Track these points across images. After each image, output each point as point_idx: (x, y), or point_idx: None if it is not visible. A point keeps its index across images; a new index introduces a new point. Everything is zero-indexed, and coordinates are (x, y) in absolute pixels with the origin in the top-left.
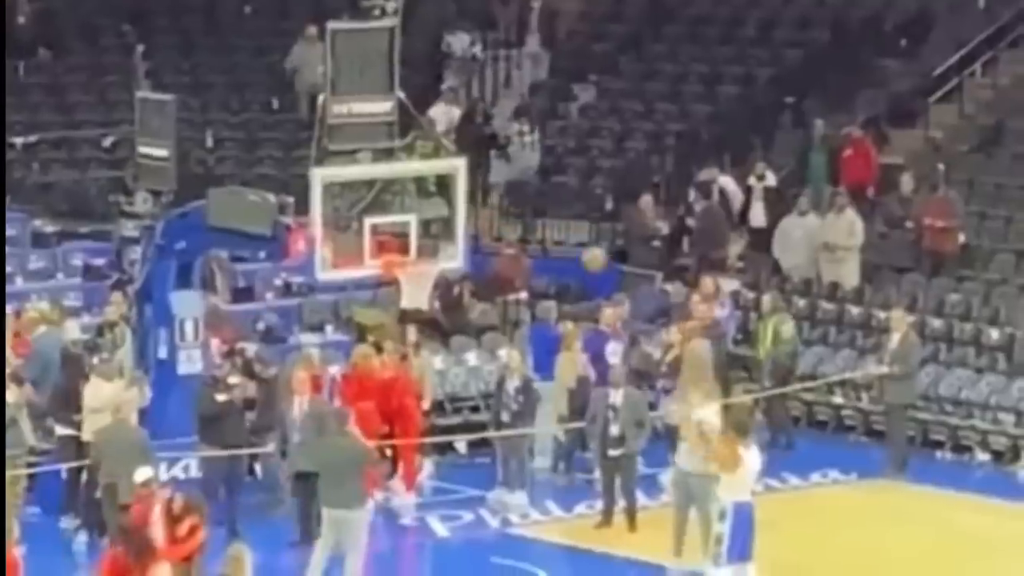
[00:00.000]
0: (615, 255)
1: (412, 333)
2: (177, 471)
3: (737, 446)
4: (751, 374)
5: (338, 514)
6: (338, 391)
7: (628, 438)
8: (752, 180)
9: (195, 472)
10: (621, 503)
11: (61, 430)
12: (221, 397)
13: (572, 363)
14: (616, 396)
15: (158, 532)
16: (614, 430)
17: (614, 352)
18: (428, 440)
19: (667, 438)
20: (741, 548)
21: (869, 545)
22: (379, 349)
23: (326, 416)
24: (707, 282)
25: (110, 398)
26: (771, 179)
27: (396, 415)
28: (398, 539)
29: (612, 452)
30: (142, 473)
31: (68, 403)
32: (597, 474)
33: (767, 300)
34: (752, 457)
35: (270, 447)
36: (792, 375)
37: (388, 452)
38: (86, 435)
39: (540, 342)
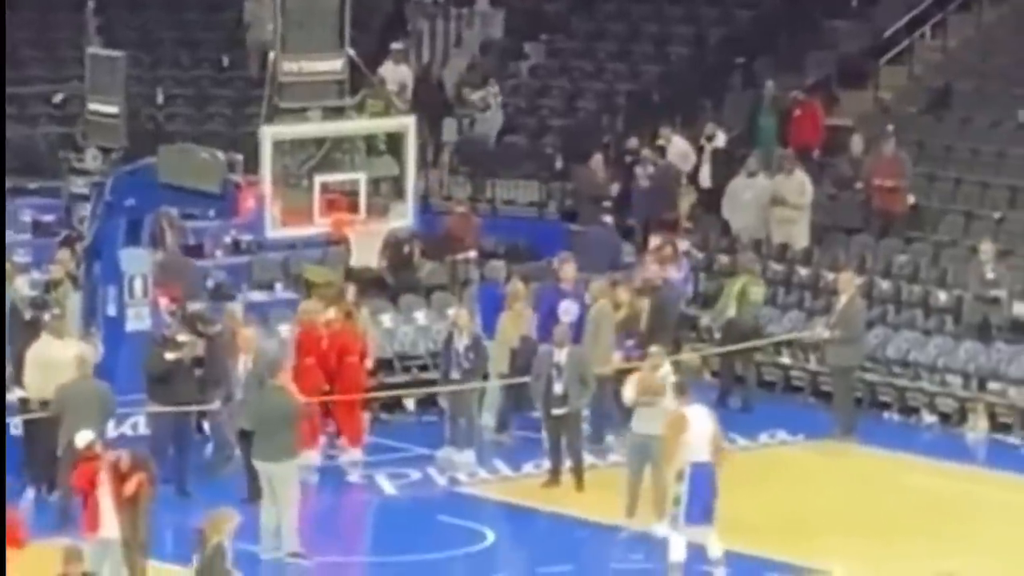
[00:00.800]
0: (564, 215)
1: (351, 292)
2: (126, 428)
3: (681, 407)
4: (699, 334)
5: (266, 467)
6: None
7: (571, 397)
8: (702, 141)
9: (144, 430)
10: (568, 463)
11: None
12: (170, 355)
13: (515, 321)
14: (560, 355)
15: (105, 492)
16: (557, 388)
17: (567, 311)
18: (372, 397)
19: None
20: (701, 510)
21: (817, 506)
22: (328, 307)
23: (261, 371)
24: (660, 242)
25: (61, 355)
26: (721, 140)
27: (337, 373)
28: (346, 496)
29: (556, 411)
30: (83, 438)
31: (19, 361)
32: (544, 433)
33: (738, 260)
34: (699, 417)
35: (216, 404)
36: (758, 337)
37: (330, 409)
38: (31, 391)
39: (488, 301)
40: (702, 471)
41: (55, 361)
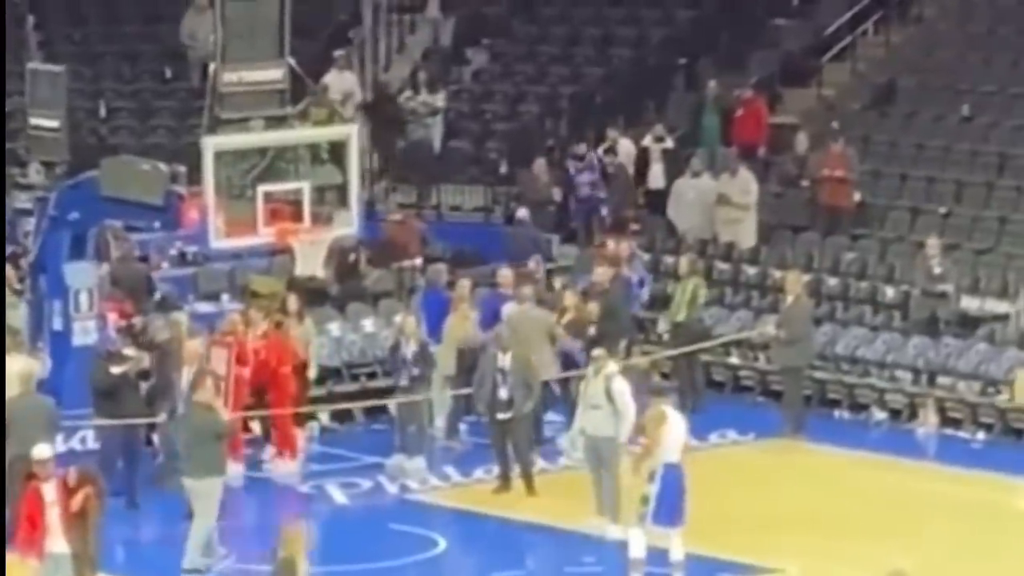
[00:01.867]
0: (510, 219)
1: (293, 301)
2: (75, 443)
3: (662, 410)
4: (647, 336)
5: (188, 483)
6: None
7: (516, 401)
8: (649, 142)
9: (92, 444)
10: (516, 468)
11: None
12: (116, 369)
13: (461, 324)
14: (504, 359)
15: (52, 509)
16: (503, 393)
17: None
18: (311, 409)
19: (566, 402)
20: (669, 512)
21: (768, 505)
22: (267, 317)
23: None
24: (612, 244)
25: (8, 370)
26: (669, 142)
27: (268, 384)
28: (296, 506)
29: (501, 416)
30: (41, 450)
31: None
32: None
33: (684, 262)
34: (675, 419)
35: (163, 417)
36: (707, 338)
37: (261, 421)
38: None
39: (433, 306)
40: (674, 472)
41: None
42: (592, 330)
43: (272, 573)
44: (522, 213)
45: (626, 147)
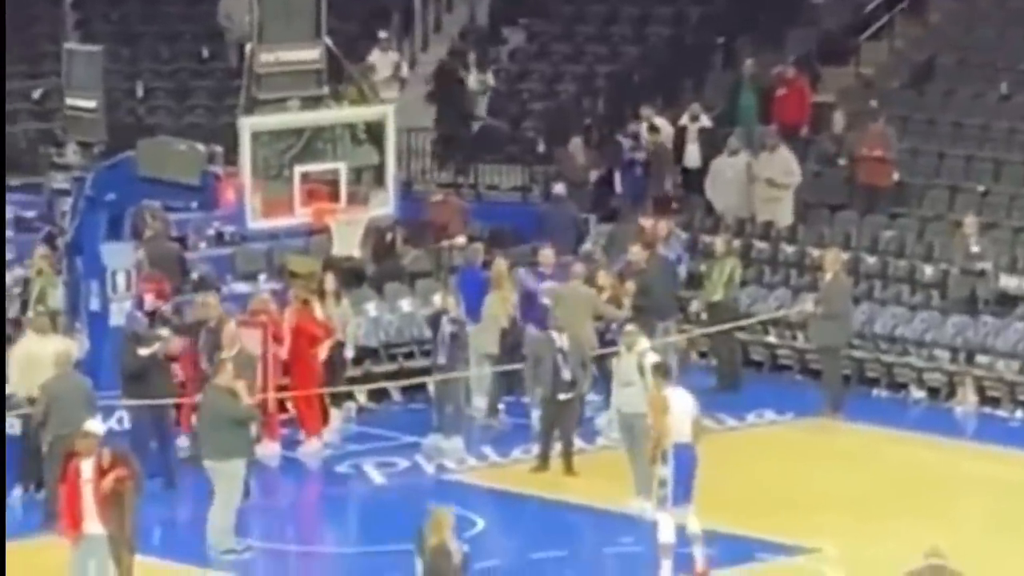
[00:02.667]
0: (546, 196)
1: (330, 281)
2: (112, 423)
3: (662, 389)
4: (686, 316)
5: (210, 464)
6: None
7: (578, 380)
8: (686, 121)
9: (128, 424)
10: (558, 447)
11: None
12: (144, 351)
13: (503, 304)
14: (562, 339)
15: (87, 487)
16: (566, 374)
17: (545, 289)
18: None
19: (604, 382)
20: (684, 492)
21: (805, 484)
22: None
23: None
24: (648, 223)
25: (46, 351)
26: (705, 120)
27: (293, 363)
28: (334, 487)
29: (563, 396)
30: (93, 425)
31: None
32: (533, 418)
33: (721, 242)
34: (679, 398)
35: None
36: (742, 318)
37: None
38: (17, 388)
39: (470, 285)
40: (685, 452)
41: (39, 358)
42: (628, 309)
43: (427, 560)
44: (559, 189)
45: (664, 126)
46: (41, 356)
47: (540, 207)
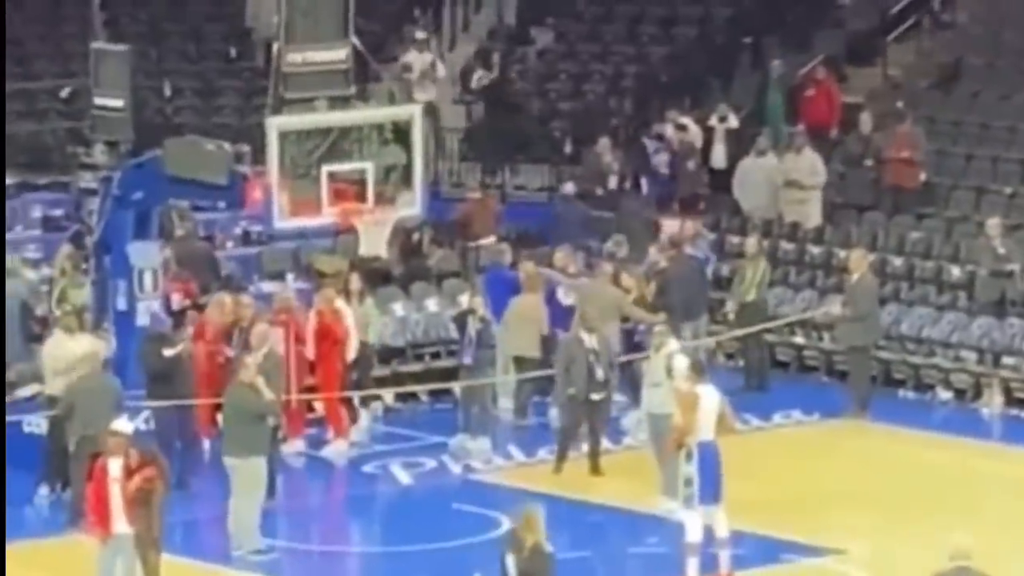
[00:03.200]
0: (578, 197)
1: (355, 281)
2: (139, 422)
3: (694, 386)
4: (714, 316)
5: (230, 462)
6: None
7: (611, 380)
8: (714, 121)
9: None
10: (584, 447)
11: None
12: (168, 352)
13: (538, 306)
14: (592, 340)
15: (115, 486)
16: (599, 374)
17: (567, 294)
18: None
19: (629, 383)
20: (712, 489)
21: (833, 485)
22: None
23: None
24: (672, 223)
25: (73, 351)
26: (733, 121)
27: (318, 363)
28: (361, 486)
29: (596, 396)
30: (122, 423)
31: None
32: (551, 417)
33: (752, 242)
34: (708, 396)
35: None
36: (772, 318)
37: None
38: (50, 388)
39: (498, 286)
40: (709, 450)
41: (67, 356)
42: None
43: (523, 560)
44: (568, 188)
45: (691, 127)
46: (69, 355)
47: (552, 208)
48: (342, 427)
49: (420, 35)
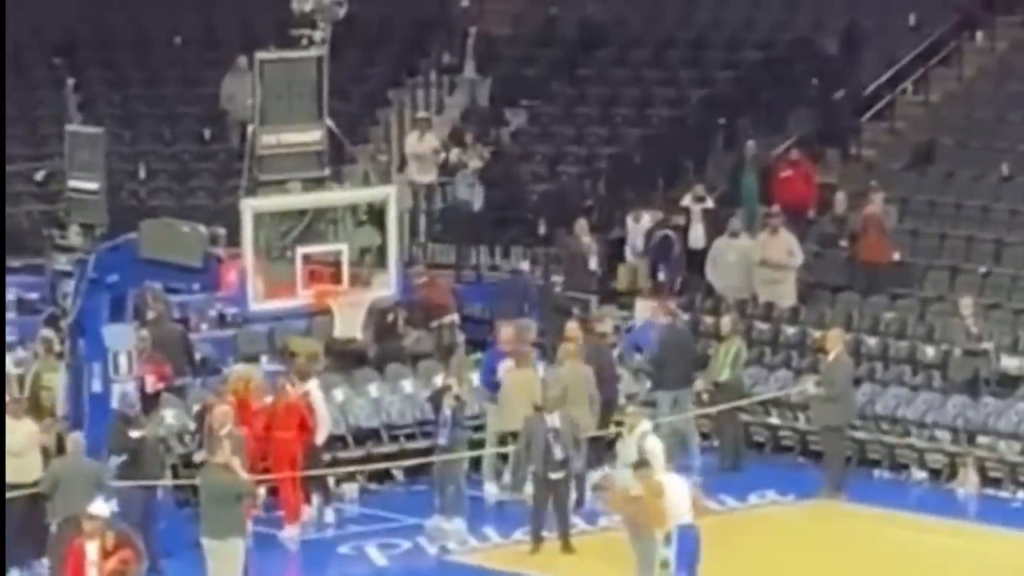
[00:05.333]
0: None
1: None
2: (113, 504)
3: (653, 479)
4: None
5: (208, 543)
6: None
7: (570, 460)
8: (689, 201)
9: None
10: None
11: None
12: (135, 433)
13: (531, 382)
14: (554, 419)
15: (92, 569)
16: (558, 453)
17: (507, 369)
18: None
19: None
20: (688, 573)
21: (809, 566)
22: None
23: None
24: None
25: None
26: (709, 202)
27: (270, 446)
28: (336, 568)
29: (554, 475)
30: (98, 507)
31: None
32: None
33: (727, 321)
34: (673, 481)
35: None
36: (747, 398)
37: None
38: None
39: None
40: (689, 534)
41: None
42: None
43: None
44: (524, 265)
45: (646, 223)
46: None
47: (501, 283)
48: (295, 513)
49: (422, 114)
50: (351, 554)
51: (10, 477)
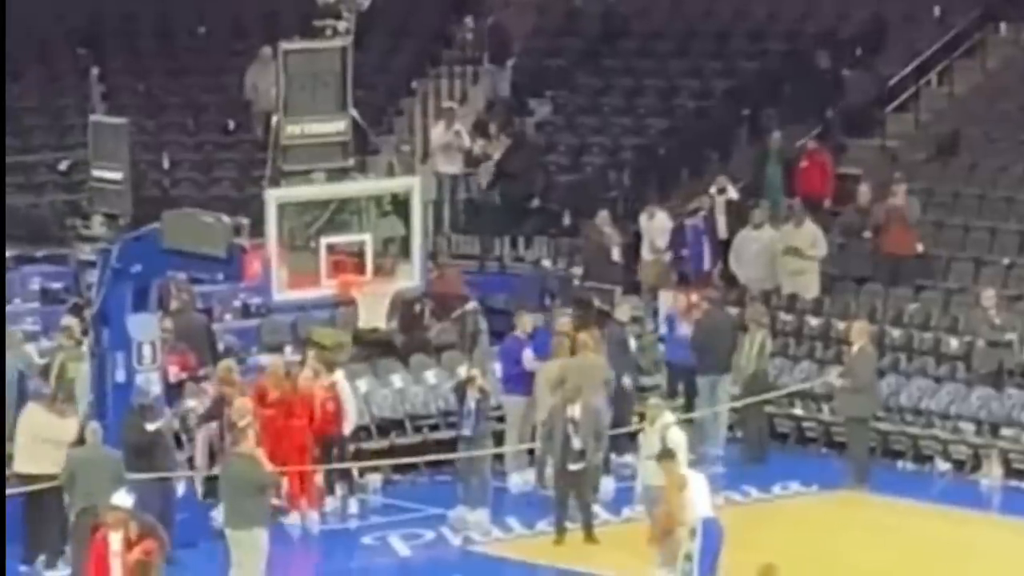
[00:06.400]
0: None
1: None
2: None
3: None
4: None
5: (232, 534)
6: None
7: (588, 451)
8: (713, 192)
9: None
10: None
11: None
12: (150, 426)
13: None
14: (574, 409)
15: (116, 559)
16: (576, 444)
17: (529, 359)
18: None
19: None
20: (711, 565)
21: (832, 557)
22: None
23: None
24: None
25: (39, 426)
26: (732, 193)
27: (283, 435)
28: (359, 558)
29: (573, 466)
30: (122, 498)
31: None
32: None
33: (751, 312)
34: (695, 476)
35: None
36: (773, 389)
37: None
38: (18, 462)
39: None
40: (712, 527)
41: (34, 432)
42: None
43: None
44: (545, 262)
45: (661, 220)
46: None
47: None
48: (312, 500)
49: (447, 104)
50: (375, 544)
51: (51, 468)
